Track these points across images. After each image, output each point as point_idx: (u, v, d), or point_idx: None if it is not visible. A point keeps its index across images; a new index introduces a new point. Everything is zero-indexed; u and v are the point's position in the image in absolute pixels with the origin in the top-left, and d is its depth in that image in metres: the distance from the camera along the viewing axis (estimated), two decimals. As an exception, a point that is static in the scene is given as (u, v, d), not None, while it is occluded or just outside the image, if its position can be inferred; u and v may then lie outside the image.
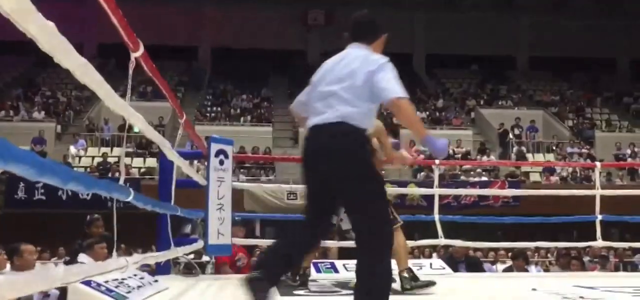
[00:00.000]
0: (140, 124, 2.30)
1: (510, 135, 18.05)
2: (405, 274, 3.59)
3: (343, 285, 3.92)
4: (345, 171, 2.33)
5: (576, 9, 22.96)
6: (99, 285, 2.85)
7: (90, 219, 5.16)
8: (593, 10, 23.08)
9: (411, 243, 5.88)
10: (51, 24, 1.36)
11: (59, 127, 17.53)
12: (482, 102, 21.20)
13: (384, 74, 2.46)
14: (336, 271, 4.79)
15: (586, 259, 8.72)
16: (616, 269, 9.06)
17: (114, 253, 2.23)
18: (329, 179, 2.39)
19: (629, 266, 9.75)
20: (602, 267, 8.22)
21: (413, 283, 3.56)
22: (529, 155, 17.20)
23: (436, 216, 5.33)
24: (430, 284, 3.60)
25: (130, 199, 2.05)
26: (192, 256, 4.92)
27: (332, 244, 5.66)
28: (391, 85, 2.44)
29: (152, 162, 15.11)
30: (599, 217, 5.40)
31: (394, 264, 2.45)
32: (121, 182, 2.15)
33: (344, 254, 5.79)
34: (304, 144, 2.54)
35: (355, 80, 2.45)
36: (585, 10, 23.10)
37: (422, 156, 12.16)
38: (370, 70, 2.45)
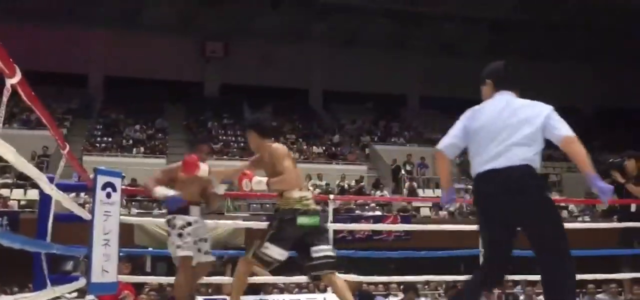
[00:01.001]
0: (10, 156, 2.12)
1: (402, 171, 18.67)
2: None
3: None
4: (538, 206, 2.69)
5: (465, 52, 24.36)
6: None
7: None
8: (481, 53, 24.61)
9: (305, 278, 5.87)
10: None
11: None
12: (376, 138, 21.83)
13: (555, 117, 2.79)
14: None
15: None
16: (499, 300, 9.50)
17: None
18: (519, 216, 2.71)
19: (511, 297, 10.27)
20: (487, 298, 8.61)
21: None
22: (420, 191, 17.86)
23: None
24: None
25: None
26: (74, 295, 4.62)
27: (225, 280, 5.52)
28: (564, 126, 2.74)
29: (33, 194, 14.14)
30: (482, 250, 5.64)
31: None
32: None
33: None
34: (481, 187, 2.79)
35: (532, 126, 2.75)
36: (473, 53, 24.60)
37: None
38: (545, 115, 2.77)
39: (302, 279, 6.22)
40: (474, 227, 6.07)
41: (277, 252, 3.60)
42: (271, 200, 15.81)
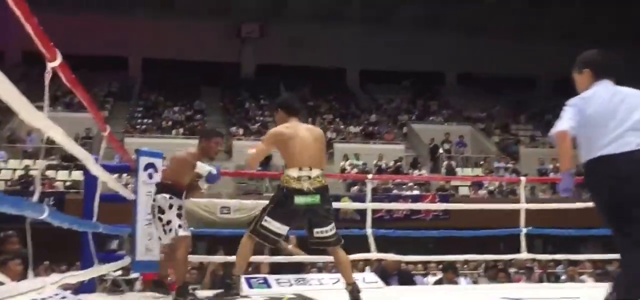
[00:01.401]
0: (59, 137, 2.18)
1: (441, 150, 18.49)
2: (356, 287, 3.64)
3: (276, 300, 3.87)
4: None
5: (503, 29, 23.87)
6: (15, 307, 2.68)
7: (3, 236, 4.89)
8: (518, 31, 24.08)
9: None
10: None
11: (-24, 138, 16.64)
12: (413, 118, 21.66)
13: None
14: (269, 286, 4.73)
15: (512, 270, 9.02)
16: (540, 280, 9.38)
17: (30, 273, 2.09)
18: None
19: (552, 277, 10.12)
20: (527, 278, 8.52)
21: (359, 295, 3.63)
22: (458, 170, 17.67)
23: (369, 230, 5.36)
24: None
25: (44, 216, 1.93)
26: (119, 273, 4.74)
27: (263, 258, 5.59)
28: None
29: (78, 175, 14.53)
30: (524, 230, 5.58)
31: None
32: (35, 198, 2.02)
33: (275, 268, 5.73)
34: (622, 170, 2.77)
35: None
36: (511, 31, 24.08)
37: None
38: None
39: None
40: (514, 206, 6.02)
41: (276, 226, 3.64)
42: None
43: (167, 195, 3.92)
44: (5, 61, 19.94)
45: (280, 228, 3.66)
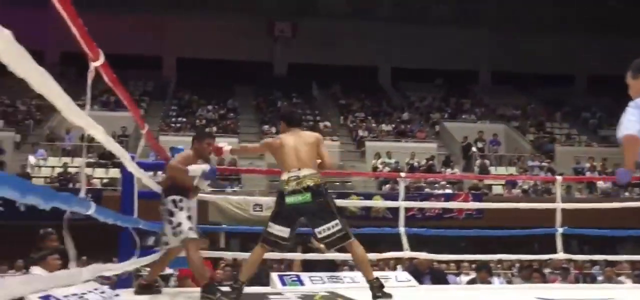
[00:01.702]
0: (99, 135, 2.25)
1: (474, 149, 18.31)
2: (376, 283, 3.65)
3: (309, 298, 3.90)
4: None
5: (538, 26, 23.50)
6: (57, 299, 2.76)
7: (43, 233, 5.02)
8: (554, 27, 23.68)
9: (377, 255, 5.89)
10: (7, 32, 1.32)
11: (17, 136, 17.09)
12: (446, 116, 21.48)
13: None
14: (302, 284, 4.76)
15: (547, 271, 8.88)
16: (576, 281, 9.23)
17: (72, 265, 2.16)
18: None
19: (588, 278, 9.94)
20: (563, 279, 8.38)
21: (383, 291, 3.62)
22: (492, 169, 17.47)
23: (402, 229, 5.35)
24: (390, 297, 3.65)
25: (90, 212, 2.00)
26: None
27: (296, 256, 5.64)
28: None
29: (115, 172, 14.83)
30: (560, 230, 5.49)
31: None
32: (82, 195, 2.09)
33: (308, 266, 5.77)
34: None
35: None
36: (547, 27, 23.68)
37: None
38: None
39: (372, 256, 6.26)
40: (550, 206, 5.94)
41: (277, 229, 3.77)
42: (340, 178, 15.91)
43: (177, 197, 3.96)
44: (45, 61, 20.43)
45: (282, 231, 3.76)
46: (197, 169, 3.99)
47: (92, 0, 20.35)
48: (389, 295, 3.63)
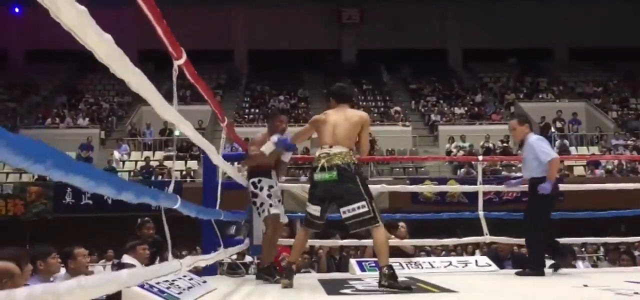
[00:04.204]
0: (188, 131, 2.36)
1: (552, 129, 17.69)
2: (385, 271, 3.50)
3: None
4: None
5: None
6: (151, 286, 2.92)
7: (141, 222, 5.29)
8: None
9: (455, 240, 5.85)
10: (108, 36, 1.41)
11: (102, 133, 17.97)
12: (521, 96, 20.85)
13: None
14: (380, 270, 4.78)
15: (637, 253, 8.49)
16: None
17: (170, 256, 2.28)
18: None
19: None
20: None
21: (391, 282, 3.46)
22: (572, 149, 16.83)
23: (481, 213, 5.28)
24: (408, 288, 3.52)
25: (177, 206, 2.10)
26: (235, 257, 4.99)
27: (369, 242, 5.64)
28: None
29: (193, 164, 15.34)
30: (649, 210, 5.25)
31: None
32: (170, 189, 2.20)
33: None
34: None
35: None
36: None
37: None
38: None
39: (448, 241, 6.20)
40: (637, 186, 5.67)
41: (312, 208, 3.79)
42: (413, 164, 15.79)
43: (256, 179, 4.12)
44: (124, 60, 21.27)
45: (315, 210, 3.78)
46: (268, 144, 4.11)
47: (165, -2, 21.15)
48: (409, 288, 3.51)
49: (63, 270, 3.97)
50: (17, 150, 0.94)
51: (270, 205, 4.11)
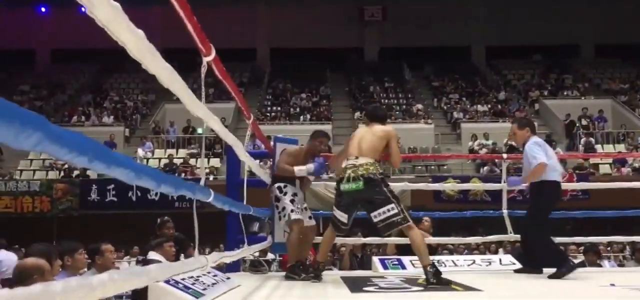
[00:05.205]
0: (216, 126, 2.38)
1: (578, 126, 17.46)
2: (430, 269, 3.67)
3: (411, 281, 3.91)
4: None
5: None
6: (176, 282, 2.95)
7: (160, 222, 5.34)
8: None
9: (480, 239, 5.81)
10: (141, 32, 1.43)
11: (127, 130, 18.19)
12: (546, 93, 20.60)
13: None
14: (403, 267, 4.78)
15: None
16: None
17: (196, 252, 2.31)
18: None
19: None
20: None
21: (438, 278, 3.64)
22: (598, 147, 16.59)
23: (505, 211, 5.24)
24: (448, 283, 3.65)
25: (210, 199, 2.13)
26: (257, 254, 5.02)
27: (391, 240, 5.63)
28: None
29: (215, 162, 15.45)
30: (678, 209, 5.16)
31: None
32: (202, 183, 2.23)
33: (400, 250, 5.76)
34: None
35: None
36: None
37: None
38: None
39: (472, 239, 6.17)
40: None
41: (339, 214, 3.95)
42: (435, 162, 15.70)
43: (282, 184, 4.20)
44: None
45: (342, 216, 3.94)
46: (302, 169, 4.21)
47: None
48: (448, 282, 3.63)
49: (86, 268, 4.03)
50: (62, 143, 0.97)
51: (292, 211, 4.17)
